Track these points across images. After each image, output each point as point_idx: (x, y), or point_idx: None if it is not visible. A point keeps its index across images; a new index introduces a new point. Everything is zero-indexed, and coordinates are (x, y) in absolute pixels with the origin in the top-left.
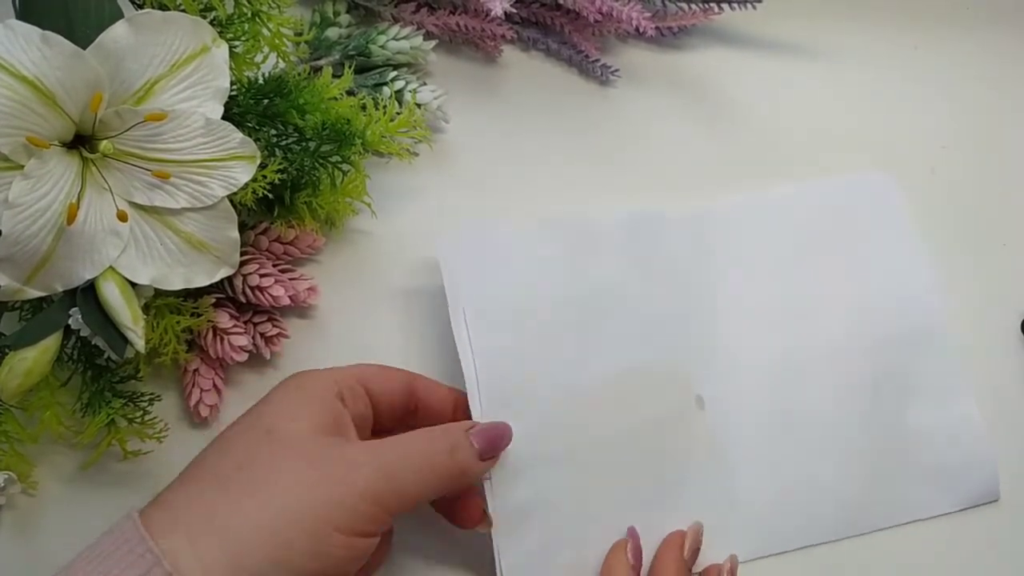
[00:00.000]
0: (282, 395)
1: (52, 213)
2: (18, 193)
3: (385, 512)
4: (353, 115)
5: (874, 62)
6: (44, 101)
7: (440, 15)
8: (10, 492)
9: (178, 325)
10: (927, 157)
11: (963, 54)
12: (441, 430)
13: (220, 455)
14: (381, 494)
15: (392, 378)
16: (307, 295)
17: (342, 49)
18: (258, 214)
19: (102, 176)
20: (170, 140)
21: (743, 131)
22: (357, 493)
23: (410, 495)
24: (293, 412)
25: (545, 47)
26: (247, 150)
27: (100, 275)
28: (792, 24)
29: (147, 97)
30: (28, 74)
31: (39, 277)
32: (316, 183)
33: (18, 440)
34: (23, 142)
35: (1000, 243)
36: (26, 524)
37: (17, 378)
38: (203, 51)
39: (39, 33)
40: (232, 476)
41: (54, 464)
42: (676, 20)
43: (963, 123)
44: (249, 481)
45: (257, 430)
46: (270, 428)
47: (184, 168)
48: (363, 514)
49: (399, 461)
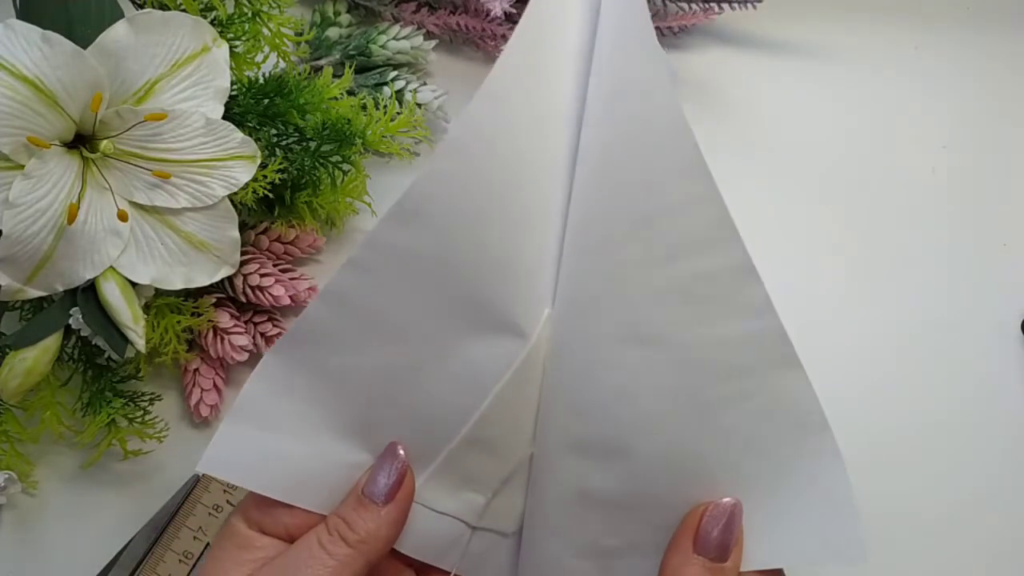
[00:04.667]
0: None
1: (53, 213)
2: (19, 193)
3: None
4: (353, 115)
5: (874, 62)
6: (45, 101)
7: (440, 15)
8: (10, 492)
9: (178, 325)
10: (927, 157)
11: (963, 54)
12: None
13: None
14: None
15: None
16: (307, 295)
17: (342, 49)
18: (258, 214)
19: (102, 176)
20: (170, 140)
21: (743, 131)
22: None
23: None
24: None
25: None
26: (247, 150)
27: (100, 275)
28: (792, 24)
29: (147, 97)
30: (29, 74)
31: (40, 277)
32: (316, 183)
33: (18, 440)
34: (24, 142)
35: (1000, 243)
36: (26, 524)
37: (17, 378)
38: (203, 51)
39: (40, 33)
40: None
41: (54, 464)
42: (676, 20)
43: (963, 123)
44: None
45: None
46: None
47: (184, 168)
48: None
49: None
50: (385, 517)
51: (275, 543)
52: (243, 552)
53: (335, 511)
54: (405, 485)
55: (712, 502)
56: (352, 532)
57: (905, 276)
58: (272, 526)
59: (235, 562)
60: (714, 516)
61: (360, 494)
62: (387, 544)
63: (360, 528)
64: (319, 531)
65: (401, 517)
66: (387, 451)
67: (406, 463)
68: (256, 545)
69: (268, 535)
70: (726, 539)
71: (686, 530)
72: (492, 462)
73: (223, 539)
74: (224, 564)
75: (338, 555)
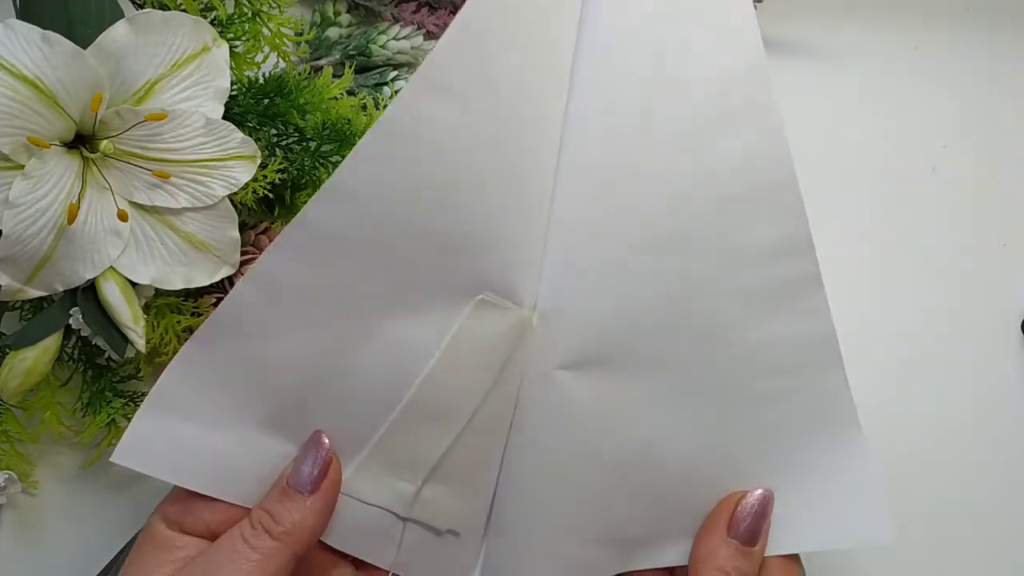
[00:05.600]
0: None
1: (53, 213)
2: (19, 193)
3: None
4: (353, 115)
5: (874, 62)
6: (45, 101)
7: (440, 15)
8: (10, 492)
9: (179, 325)
10: (927, 157)
11: (963, 54)
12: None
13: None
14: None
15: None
16: None
17: (342, 49)
18: (258, 214)
19: (103, 176)
20: (170, 140)
21: None
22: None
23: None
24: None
25: None
26: (247, 150)
27: (101, 275)
28: (792, 24)
29: (147, 97)
30: (29, 74)
31: (40, 277)
32: (316, 183)
33: (18, 440)
34: (24, 142)
35: (1000, 243)
36: (26, 524)
37: (17, 378)
38: (203, 51)
39: (40, 33)
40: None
41: (54, 464)
42: None
43: (963, 123)
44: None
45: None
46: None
47: (184, 168)
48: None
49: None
50: (311, 507)
51: (197, 542)
52: (163, 553)
53: (259, 504)
54: (330, 474)
55: (747, 491)
56: (276, 524)
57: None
58: (193, 524)
59: (156, 563)
60: (749, 503)
61: (285, 485)
62: (313, 535)
63: (285, 520)
64: (242, 525)
65: (327, 507)
66: (311, 440)
67: (331, 451)
68: (177, 545)
69: (189, 534)
70: (757, 526)
71: (721, 514)
72: (420, 449)
73: (142, 541)
74: (144, 566)
75: (262, 548)
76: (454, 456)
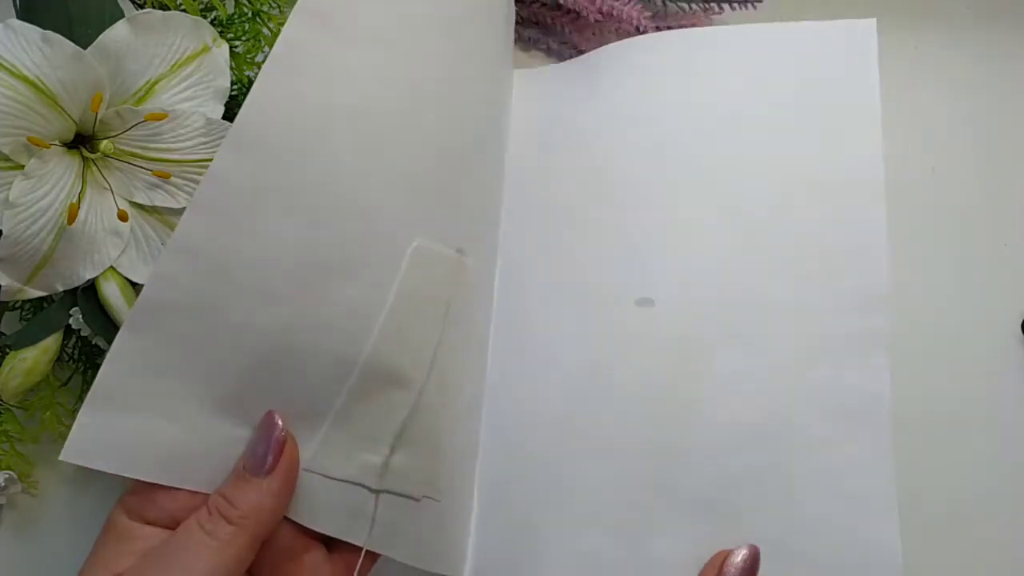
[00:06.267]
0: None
1: (53, 213)
2: (19, 193)
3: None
4: None
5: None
6: (45, 101)
7: None
8: (11, 492)
9: None
10: (927, 157)
11: (963, 54)
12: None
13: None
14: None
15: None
16: None
17: None
18: None
19: (103, 176)
20: (170, 140)
21: None
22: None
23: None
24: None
25: (546, 47)
26: None
27: (101, 275)
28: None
29: (147, 97)
30: (29, 74)
31: (40, 277)
32: None
33: (19, 440)
34: (24, 142)
35: (1000, 243)
36: (26, 524)
37: (17, 378)
38: (204, 51)
39: (40, 33)
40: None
41: (54, 464)
42: (676, 20)
43: (963, 123)
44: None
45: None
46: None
47: (185, 168)
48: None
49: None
50: (267, 489)
51: (159, 532)
52: (123, 544)
53: (217, 490)
54: (286, 454)
55: (733, 549)
56: (233, 508)
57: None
58: (155, 514)
59: (115, 554)
60: (736, 563)
61: (240, 469)
62: (273, 517)
63: (241, 503)
64: (199, 513)
65: (285, 488)
66: (263, 421)
67: (285, 431)
68: (137, 536)
69: (151, 524)
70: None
71: (710, 569)
72: (383, 416)
73: (103, 534)
74: (103, 558)
75: (219, 534)
76: (418, 418)
